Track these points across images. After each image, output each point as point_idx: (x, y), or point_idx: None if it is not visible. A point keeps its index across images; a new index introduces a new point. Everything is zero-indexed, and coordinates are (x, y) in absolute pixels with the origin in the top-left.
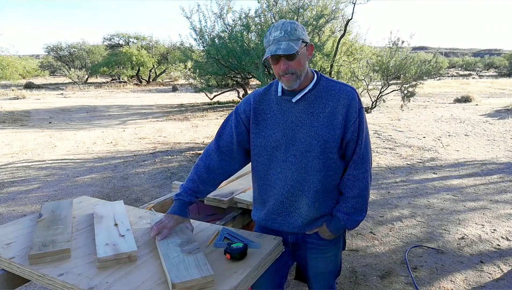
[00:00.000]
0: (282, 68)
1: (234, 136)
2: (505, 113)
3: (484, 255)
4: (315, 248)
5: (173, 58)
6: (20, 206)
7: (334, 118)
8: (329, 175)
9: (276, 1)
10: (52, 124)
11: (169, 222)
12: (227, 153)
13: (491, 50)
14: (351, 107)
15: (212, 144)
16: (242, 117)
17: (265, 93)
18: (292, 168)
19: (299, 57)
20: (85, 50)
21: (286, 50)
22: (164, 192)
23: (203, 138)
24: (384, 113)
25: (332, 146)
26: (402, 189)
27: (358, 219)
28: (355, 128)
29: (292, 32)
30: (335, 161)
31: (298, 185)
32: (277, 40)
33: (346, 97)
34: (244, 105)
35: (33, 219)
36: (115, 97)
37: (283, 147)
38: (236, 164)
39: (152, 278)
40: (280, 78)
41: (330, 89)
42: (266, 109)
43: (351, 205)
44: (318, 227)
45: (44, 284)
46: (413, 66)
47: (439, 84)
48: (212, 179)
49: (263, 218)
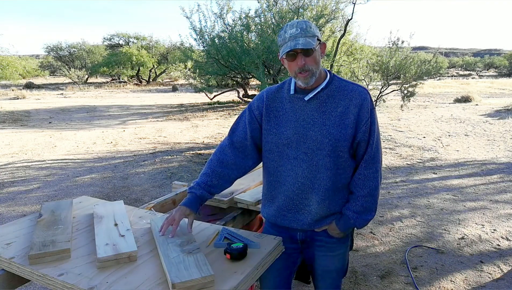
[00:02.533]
0: (300, 64)
1: (248, 132)
2: (505, 113)
3: (484, 255)
4: (323, 246)
5: (173, 58)
6: (20, 206)
7: (346, 118)
8: (339, 173)
9: (276, 1)
10: (52, 124)
11: (175, 213)
12: (241, 149)
13: (491, 50)
14: (363, 107)
15: (225, 140)
16: (256, 113)
17: (278, 91)
18: (303, 165)
19: (315, 54)
20: (85, 50)
21: (305, 44)
22: (164, 192)
23: (203, 138)
24: (384, 113)
25: (343, 145)
26: (402, 189)
27: (367, 218)
28: (366, 128)
29: (308, 29)
30: (346, 160)
31: (308, 182)
32: (294, 37)
33: (359, 97)
34: (258, 101)
35: (33, 219)
36: (115, 97)
37: (294, 145)
38: (250, 161)
39: (152, 278)
40: (296, 76)
41: (342, 89)
42: (279, 107)
43: (360, 204)
44: (327, 225)
45: (44, 284)
46: (413, 66)
47: (439, 84)
48: (227, 175)
49: (273, 214)
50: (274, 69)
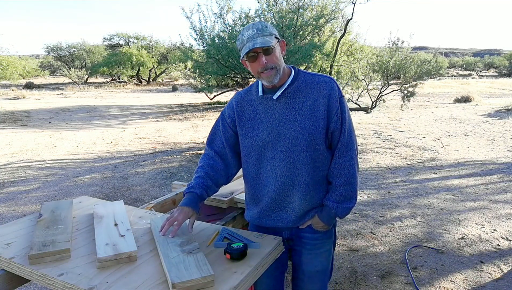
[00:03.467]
0: (261, 63)
1: (224, 142)
2: (505, 113)
3: (484, 255)
4: (309, 243)
5: (173, 58)
6: (20, 206)
7: (316, 110)
8: (317, 167)
9: (276, 1)
10: (52, 124)
11: (179, 215)
12: (223, 157)
13: (491, 50)
14: (331, 97)
15: (207, 150)
16: (228, 122)
17: (246, 94)
18: (281, 164)
19: (275, 51)
20: (85, 50)
21: (263, 43)
22: (164, 192)
23: (203, 138)
24: (384, 113)
25: (318, 138)
26: (402, 189)
27: (348, 206)
28: (337, 117)
29: (264, 28)
30: (322, 152)
31: (288, 180)
32: (252, 38)
33: (326, 87)
34: (228, 110)
35: (33, 219)
36: (115, 97)
37: (270, 145)
38: (233, 169)
39: (152, 278)
40: (260, 76)
41: (309, 82)
42: (249, 110)
43: (339, 193)
44: (311, 219)
45: (44, 284)
46: (413, 66)
47: (439, 84)
48: (217, 179)
49: (256, 216)
50: None
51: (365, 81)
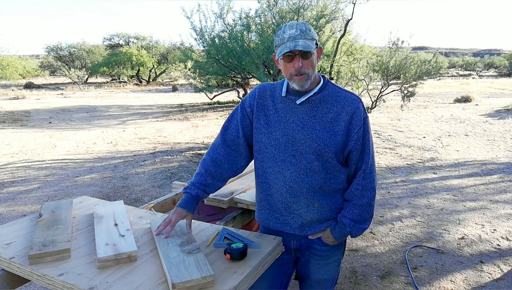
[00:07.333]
0: (297, 66)
1: (240, 130)
2: (505, 113)
3: (484, 255)
4: (318, 254)
5: (173, 58)
6: (20, 206)
7: (336, 124)
8: (329, 178)
9: (276, 1)
10: (52, 124)
11: (172, 216)
12: (234, 147)
13: (491, 50)
14: (355, 115)
15: (218, 138)
16: (248, 111)
17: (270, 89)
18: (291, 168)
19: (313, 57)
20: (85, 50)
21: (305, 46)
22: (164, 192)
23: (203, 138)
24: (384, 113)
25: (331, 151)
26: (402, 189)
27: (363, 227)
28: (359, 136)
29: (308, 32)
30: (334, 166)
31: (296, 185)
32: (294, 38)
33: (351, 105)
34: (250, 99)
35: (33, 219)
36: (115, 97)
37: (282, 147)
38: (243, 160)
39: (152, 278)
40: (291, 78)
41: (335, 95)
42: (270, 106)
43: (358, 212)
44: (322, 232)
45: (44, 284)
46: (413, 66)
47: (439, 84)
48: (220, 174)
49: (265, 217)
50: (274, 69)
51: (365, 81)
